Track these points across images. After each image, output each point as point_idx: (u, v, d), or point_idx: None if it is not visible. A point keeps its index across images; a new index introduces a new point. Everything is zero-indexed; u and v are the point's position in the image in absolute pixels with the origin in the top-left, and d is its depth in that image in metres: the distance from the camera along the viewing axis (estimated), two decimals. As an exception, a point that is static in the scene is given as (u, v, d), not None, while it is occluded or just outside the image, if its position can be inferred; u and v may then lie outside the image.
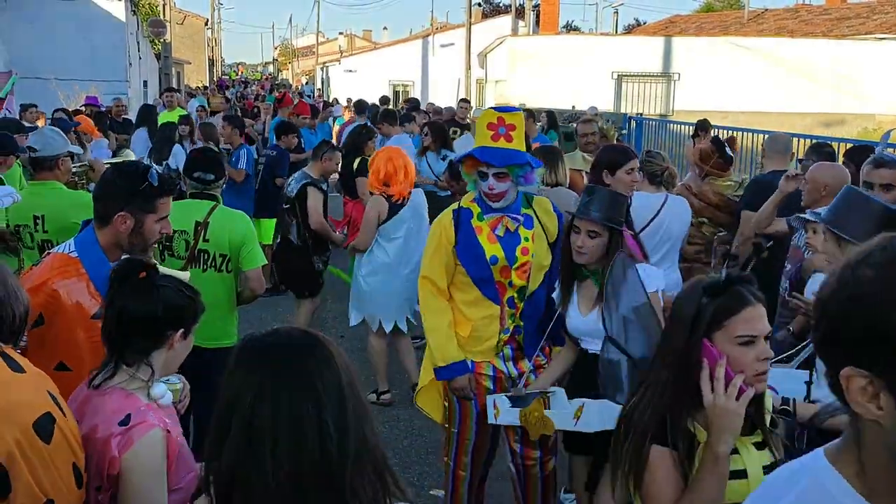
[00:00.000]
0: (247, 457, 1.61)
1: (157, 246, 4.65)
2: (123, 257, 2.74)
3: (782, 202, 5.28)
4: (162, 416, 2.51)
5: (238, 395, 1.65)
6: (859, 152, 6.08)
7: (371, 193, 6.27)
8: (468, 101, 14.77)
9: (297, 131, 10.80)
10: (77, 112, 13.01)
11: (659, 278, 3.72)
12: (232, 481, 1.63)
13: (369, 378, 6.48)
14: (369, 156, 7.43)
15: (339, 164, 7.63)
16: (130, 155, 7.72)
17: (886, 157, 4.66)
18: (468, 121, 12.73)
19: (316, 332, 1.80)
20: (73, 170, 5.61)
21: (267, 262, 5.04)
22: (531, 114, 13.88)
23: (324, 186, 7.14)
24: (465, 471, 4.31)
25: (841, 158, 6.66)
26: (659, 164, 5.52)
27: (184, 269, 4.43)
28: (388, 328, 6.35)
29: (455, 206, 4.24)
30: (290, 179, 7.48)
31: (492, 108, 4.13)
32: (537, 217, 4.14)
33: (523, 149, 4.05)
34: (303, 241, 7.03)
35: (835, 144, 7.50)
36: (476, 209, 4.09)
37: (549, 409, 3.75)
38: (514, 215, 4.07)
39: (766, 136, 7.04)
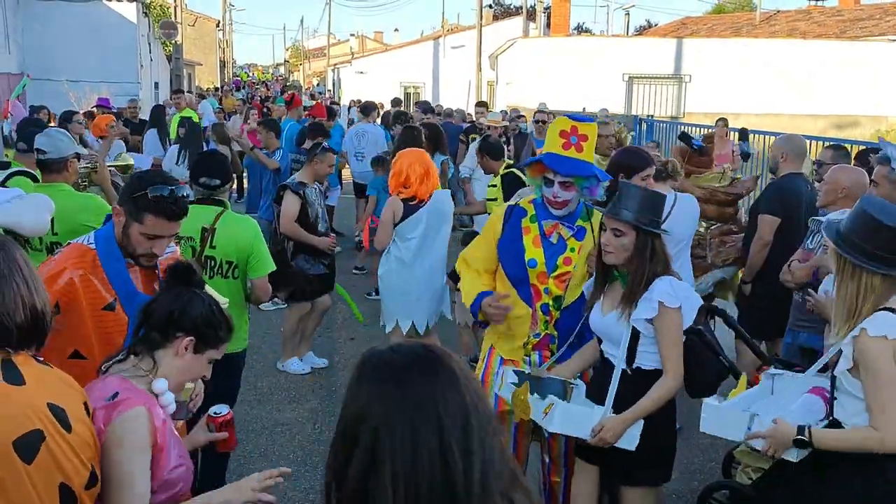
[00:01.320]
0: (369, 480, 1.53)
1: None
2: (179, 260, 2.78)
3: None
4: (153, 402, 2.51)
5: (360, 415, 1.58)
6: (869, 154, 6.05)
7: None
8: (485, 105, 14.65)
9: (326, 132, 10.63)
10: (89, 114, 13.04)
11: (684, 296, 3.59)
12: (357, 498, 1.55)
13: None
14: None
15: (332, 166, 7.52)
16: (128, 159, 7.69)
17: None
18: (485, 124, 12.52)
19: (441, 348, 1.70)
20: (80, 171, 5.61)
21: (275, 268, 4.92)
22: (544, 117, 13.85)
23: (307, 191, 6.94)
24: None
25: (852, 161, 6.60)
26: (659, 159, 5.53)
27: None
28: (404, 329, 6.29)
29: (512, 202, 4.30)
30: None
31: (567, 115, 4.08)
32: (592, 231, 4.05)
33: (592, 160, 4.02)
34: (279, 246, 6.88)
35: (847, 146, 7.43)
36: (531, 210, 4.09)
37: (568, 400, 3.73)
38: (570, 225, 4.05)
39: (780, 137, 6.94)
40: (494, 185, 7.35)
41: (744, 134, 11.95)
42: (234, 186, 16.04)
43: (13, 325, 2.16)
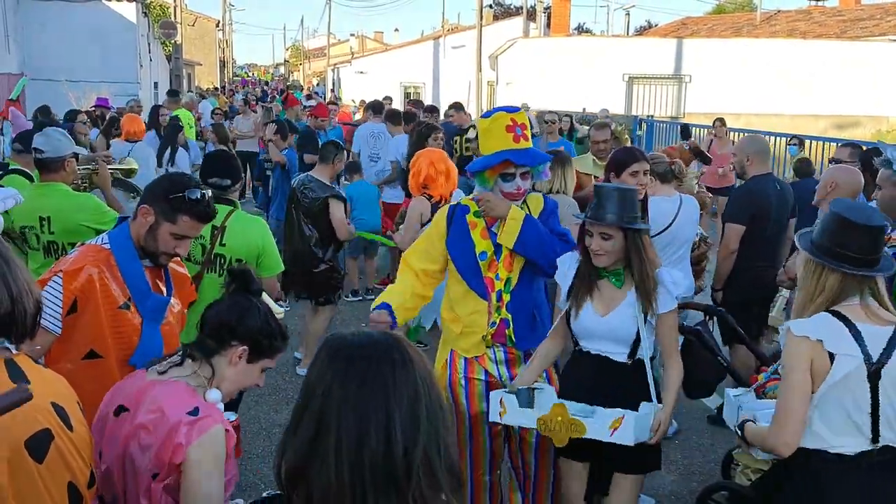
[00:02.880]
0: (312, 450, 1.61)
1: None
2: (238, 267, 2.80)
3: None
4: (223, 417, 2.56)
5: (311, 389, 1.67)
6: (872, 157, 6.03)
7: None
8: (461, 106, 14.48)
9: (316, 142, 10.53)
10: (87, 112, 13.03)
11: (683, 285, 3.72)
12: (298, 475, 1.63)
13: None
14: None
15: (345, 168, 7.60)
16: (132, 162, 7.68)
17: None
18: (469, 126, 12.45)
19: (399, 335, 1.79)
20: (79, 172, 5.60)
21: (283, 268, 4.95)
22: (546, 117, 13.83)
23: (342, 193, 7.13)
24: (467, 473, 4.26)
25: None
26: (662, 161, 5.51)
27: (200, 273, 4.54)
28: (428, 326, 6.37)
29: (455, 202, 4.30)
30: (294, 181, 7.39)
31: (500, 110, 4.10)
32: (529, 212, 4.14)
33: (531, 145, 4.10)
34: (328, 256, 7.00)
35: (862, 147, 7.42)
36: (474, 206, 4.12)
37: (534, 405, 3.72)
38: None
39: (742, 139, 6.89)
40: None
41: (685, 131, 12.11)
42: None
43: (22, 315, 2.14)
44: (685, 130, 12.02)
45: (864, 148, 7.00)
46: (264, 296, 2.79)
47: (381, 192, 9.74)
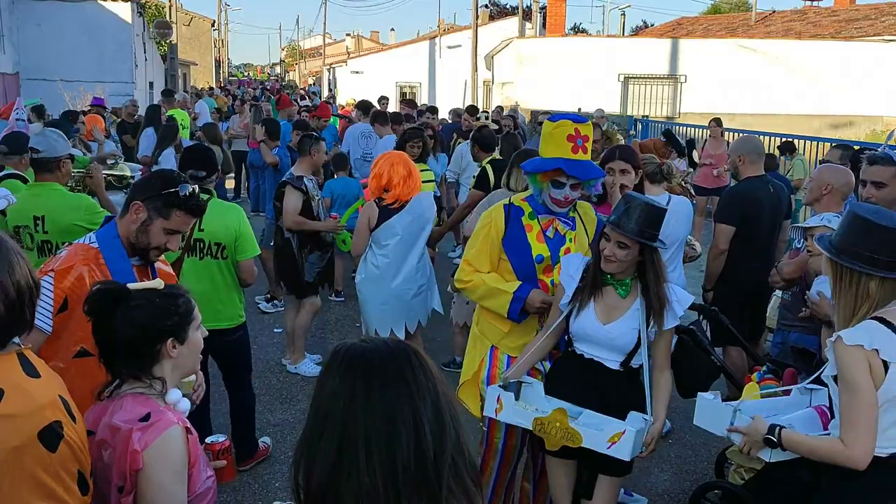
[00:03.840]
0: (339, 463, 1.58)
1: None
2: (94, 287, 2.64)
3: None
4: (183, 418, 2.52)
5: (330, 400, 1.63)
6: (861, 154, 6.05)
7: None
8: (476, 109, 14.56)
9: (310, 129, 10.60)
10: (84, 112, 13.03)
11: (686, 302, 3.76)
12: (327, 489, 1.59)
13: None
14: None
15: (326, 153, 7.52)
16: (125, 168, 7.70)
17: (879, 155, 4.64)
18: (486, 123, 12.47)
19: (407, 342, 1.78)
20: (73, 174, 5.61)
21: (259, 252, 5.31)
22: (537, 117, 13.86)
23: (307, 184, 6.96)
24: (492, 474, 4.31)
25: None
26: (652, 162, 5.51)
27: (180, 258, 4.93)
28: (400, 334, 6.22)
29: (506, 201, 4.28)
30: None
31: (566, 118, 4.08)
32: (581, 219, 4.25)
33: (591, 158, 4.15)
34: (288, 247, 6.93)
35: (854, 147, 7.45)
36: (528, 208, 4.17)
37: (520, 398, 3.77)
38: (565, 219, 4.17)
39: (736, 140, 6.87)
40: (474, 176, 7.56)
41: (691, 144, 12.19)
42: (233, 186, 16.05)
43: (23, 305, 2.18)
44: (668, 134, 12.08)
45: (857, 148, 7.03)
46: (132, 285, 2.65)
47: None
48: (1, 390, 2.09)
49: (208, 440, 2.86)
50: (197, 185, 3.45)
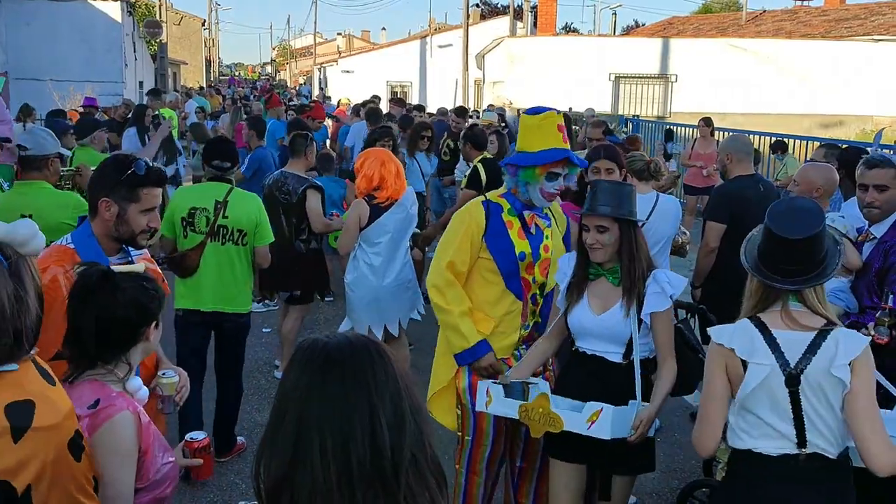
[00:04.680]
0: (296, 456, 1.57)
1: (180, 222, 5.24)
2: (78, 268, 2.68)
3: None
4: (135, 405, 2.51)
5: (290, 393, 1.63)
6: (848, 155, 6.06)
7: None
8: (465, 110, 14.47)
9: (307, 128, 10.47)
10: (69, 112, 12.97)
11: (679, 286, 3.71)
12: (282, 483, 1.58)
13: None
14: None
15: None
16: None
17: (879, 158, 4.62)
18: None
19: (371, 338, 1.77)
20: (61, 172, 5.59)
21: (274, 240, 5.54)
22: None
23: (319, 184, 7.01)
24: (481, 476, 4.28)
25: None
26: (640, 159, 5.53)
27: (203, 242, 5.20)
28: (378, 335, 6.23)
29: (482, 198, 4.22)
30: (268, 179, 7.26)
31: (546, 109, 4.10)
32: (552, 215, 4.25)
33: None
34: (311, 248, 6.92)
35: (840, 147, 7.46)
36: (506, 205, 4.12)
37: (528, 399, 3.71)
38: (541, 213, 4.16)
39: (726, 139, 6.88)
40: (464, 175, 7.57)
41: (669, 134, 12.17)
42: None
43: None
44: (669, 134, 12.14)
45: (844, 147, 7.05)
46: (117, 268, 2.71)
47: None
48: (32, 402, 2.05)
49: (188, 437, 2.86)
50: (145, 159, 3.36)
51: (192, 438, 2.85)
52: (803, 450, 2.85)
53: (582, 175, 4.95)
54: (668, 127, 15.34)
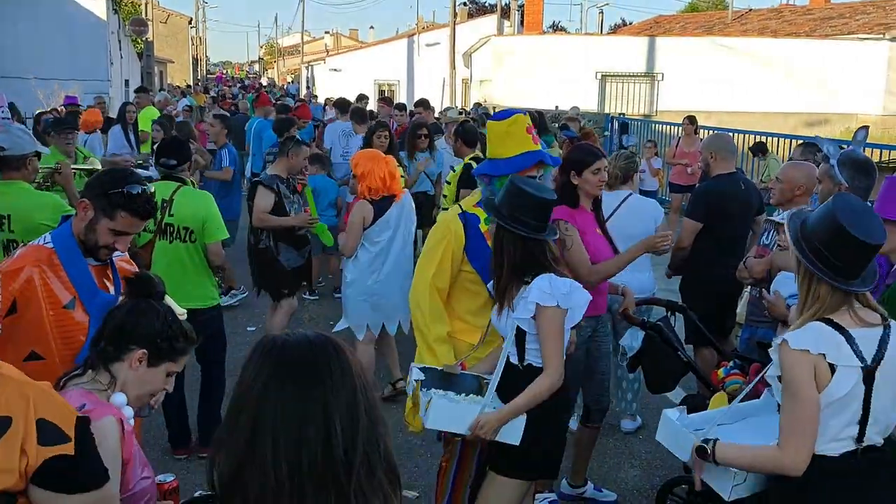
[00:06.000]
0: (249, 453, 1.57)
1: None
2: (138, 272, 2.74)
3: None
4: (120, 412, 2.50)
5: (246, 390, 1.63)
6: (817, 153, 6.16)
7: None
8: (426, 101, 14.34)
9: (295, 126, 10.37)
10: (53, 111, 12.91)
11: (564, 292, 3.49)
12: (234, 478, 1.58)
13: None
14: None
15: (307, 158, 7.44)
16: (96, 162, 7.60)
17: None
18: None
19: (331, 335, 1.75)
20: (39, 170, 5.56)
21: (228, 236, 5.54)
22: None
23: (280, 186, 6.87)
24: (471, 473, 4.22)
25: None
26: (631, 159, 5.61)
27: (152, 241, 5.30)
28: (376, 333, 6.27)
29: (458, 209, 4.19)
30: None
31: (513, 112, 4.08)
32: None
33: None
34: (262, 245, 6.85)
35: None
36: (482, 214, 4.06)
37: (483, 395, 3.65)
38: None
39: (708, 137, 6.92)
40: (454, 170, 7.50)
41: (624, 127, 12.16)
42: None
43: None
44: (624, 127, 12.23)
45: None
46: (168, 299, 2.76)
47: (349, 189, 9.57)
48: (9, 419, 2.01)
49: (157, 479, 2.84)
50: (146, 187, 3.31)
51: (161, 481, 2.84)
52: (860, 444, 2.83)
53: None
54: (622, 121, 15.51)
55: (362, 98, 16.61)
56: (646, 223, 5.52)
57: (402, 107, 13.87)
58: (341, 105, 13.00)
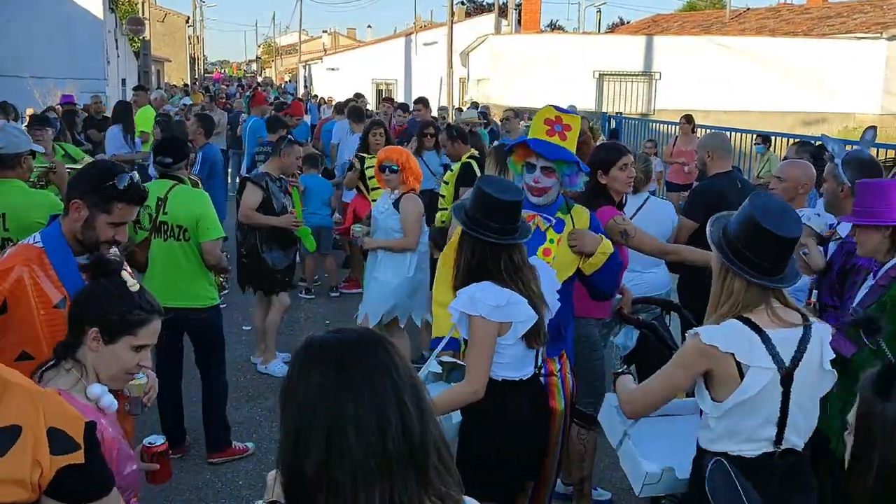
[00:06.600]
0: (330, 450, 1.56)
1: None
2: (92, 256, 2.74)
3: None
4: (96, 415, 2.48)
5: (316, 394, 1.60)
6: (821, 152, 6.13)
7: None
8: (445, 110, 14.45)
9: (286, 126, 10.31)
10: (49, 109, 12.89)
11: (492, 302, 3.32)
12: (317, 479, 1.57)
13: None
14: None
15: (299, 158, 7.43)
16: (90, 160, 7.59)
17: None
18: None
19: (371, 329, 1.78)
20: (34, 170, 5.55)
21: (224, 235, 5.47)
22: (517, 114, 13.89)
23: (271, 184, 6.87)
24: None
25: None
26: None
27: (148, 238, 5.33)
28: (402, 322, 6.38)
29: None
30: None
31: (552, 105, 4.08)
32: (573, 224, 4.04)
33: (574, 151, 4.02)
34: (250, 242, 6.86)
35: (815, 143, 7.50)
36: None
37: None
38: (548, 216, 4.02)
39: (704, 136, 6.90)
40: (451, 170, 7.51)
41: (614, 133, 12.26)
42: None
43: None
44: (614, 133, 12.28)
45: (818, 143, 7.10)
46: (124, 273, 2.69)
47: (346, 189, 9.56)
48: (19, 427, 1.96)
49: (146, 441, 2.84)
50: (132, 174, 3.30)
51: (150, 444, 2.83)
52: (778, 447, 2.82)
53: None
54: (614, 126, 15.59)
55: (359, 97, 16.61)
56: (664, 225, 5.56)
57: (405, 107, 13.85)
58: (340, 107, 13.04)
